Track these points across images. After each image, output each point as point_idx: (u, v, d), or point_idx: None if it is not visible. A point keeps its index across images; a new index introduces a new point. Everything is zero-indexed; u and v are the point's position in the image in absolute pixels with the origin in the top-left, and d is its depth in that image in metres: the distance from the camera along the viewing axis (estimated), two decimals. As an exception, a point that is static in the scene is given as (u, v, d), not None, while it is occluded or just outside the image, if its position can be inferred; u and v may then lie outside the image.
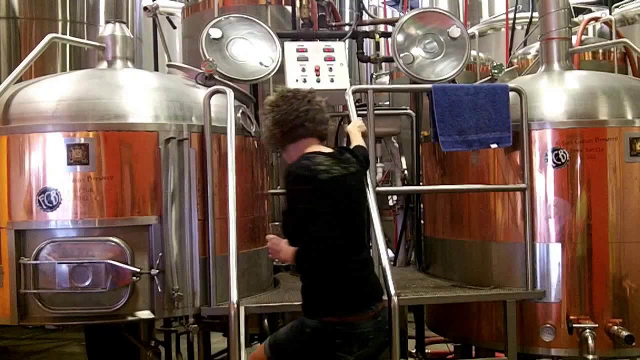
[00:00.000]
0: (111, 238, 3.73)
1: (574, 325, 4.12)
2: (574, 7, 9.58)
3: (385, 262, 3.65)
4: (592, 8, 11.00)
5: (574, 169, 4.23)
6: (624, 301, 4.22)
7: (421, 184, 5.28)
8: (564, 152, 4.22)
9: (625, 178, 4.24)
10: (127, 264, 3.70)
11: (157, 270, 3.73)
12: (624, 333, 4.05)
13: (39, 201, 3.76)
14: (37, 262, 3.71)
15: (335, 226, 2.82)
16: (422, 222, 5.27)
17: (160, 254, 3.77)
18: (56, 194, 3.74)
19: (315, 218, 2.80)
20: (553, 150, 4.23)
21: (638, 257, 4.25)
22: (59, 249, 3.72)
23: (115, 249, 3.71)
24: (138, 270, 3.70)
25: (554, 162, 4.23)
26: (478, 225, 4.48)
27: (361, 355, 2.88)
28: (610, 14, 8.25)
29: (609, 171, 4.23)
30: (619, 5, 8.76)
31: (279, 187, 5.74)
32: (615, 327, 4.11)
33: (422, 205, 5.27)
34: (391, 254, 5.62)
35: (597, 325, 4.10)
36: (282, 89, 3.16)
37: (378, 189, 4.21)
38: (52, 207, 3.75)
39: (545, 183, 4.26)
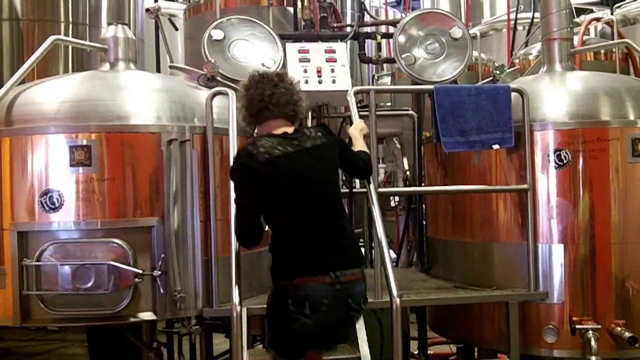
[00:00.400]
0: (113, 239, 3.73)
1: (577, 326, 4.11)
2: (575, 8, 9.57)
3: (388, 263, 3.65)
4: (594, 8, 10.99)
5: (576, 170, 4.23)
6: (626, 302, 4.21)
7: (423, 184, 5.28)
8: (566, 153, 4.22)
9: (628, 178, 4.24)
10: (129, 265, 3.70)
11: (160, 272, 3.74)
12: (627, 334, 4.05)
13: (41, 202, 3.76)
14: (40, 263, 3.72)
15: (260, 201, 3.07)
16: (424, 222, 5.27)
17: (162, 256, 3.77)
18: (59, 195, 3.75)
19: (244, 195, 3.10)
20: (555, 150, 4.23)
21: (641, 257, 4.25)
22: (61, 251, 3.73)
23: (118, 251, 3.72)
24: (140, 271, 3.70)
25: (556, 163, 4.23)
26: (480, 226, 4.48)
27: (317, 319, 2.99)
28: (611, 14, 8.23)
29: (611, 172, 4.23)
30: (621, 6, 8.75)
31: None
32: (619, 329, 4.11)
33: (424, 206, 5.27)
34: (393, 254, 5.63)
35: (599, 326, 4.10)
36: (253, 72, 3.30)
37: (380, 190, 4.20)
38: (55, 209, 3.76)
39: (547, 184, 4.26)
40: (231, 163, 3.31)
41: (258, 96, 3.14)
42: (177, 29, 6.48)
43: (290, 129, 3.16)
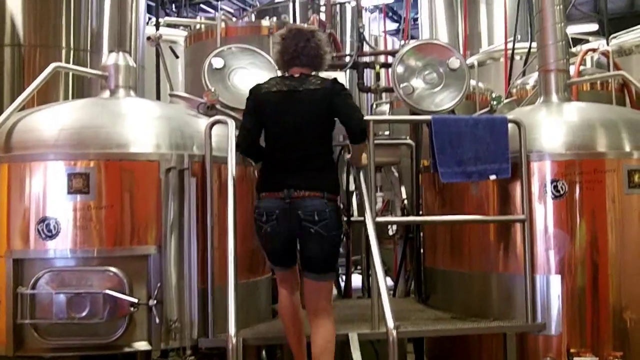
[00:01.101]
0: (109, 268, 3.72)
1: (575, 358, 4.10)
2: (571, 38, 9.67)
3: (384, 292, 3.64)
4: (590, 38, 11.09)
5: (573, 201, 4.24)
6: (624, 334, 4.20)
7: (421, 212, 5.28)
8: (563, 184, 4.23)
9: (625, 209, 4.25)
10: (125, 294, 3.69)
11: (155, 301, 3.71)
12: (625, 366, 4.03)
13: (38, 230, 3.75)
14: (35, 291, 3.70)
15: (256, 124, 3.80)
16: (422, 251, 5.27)
17: (158, 284, 3.76)
18: (55, 222, 3.74)
19: (245, 116, 3.86)
20: (552, 181, 4.25)
21: (638, 288, 4.24)
22: (56, 279, 3.71)
23: (114, 279, 3.71)
24: (136, 300, 3.68)
25: (553, 194, 4.25)
26: (478, 256, 4.48)
27: (273, 227, 3.67)
28: (607, 45, 8.31)
29: (608, 203, 4.24)
30: (617, 36, 8.83)
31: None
32: (616, 361, 4.09)
33: (422, 234, 5.27)
34: (391, 282, 5.61)
35: (597, 358, 4.09)
36: (291, 25, 4.16)
37: (378, 219, 4.20)
38: (51, 236, 3.75)
39: (544, 214, 4.27)
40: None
41: (292, 46, 3.77)
42: (177, 57, 6.53)
43: (297, 73, 3.79)
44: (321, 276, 3.69)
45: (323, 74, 4.01)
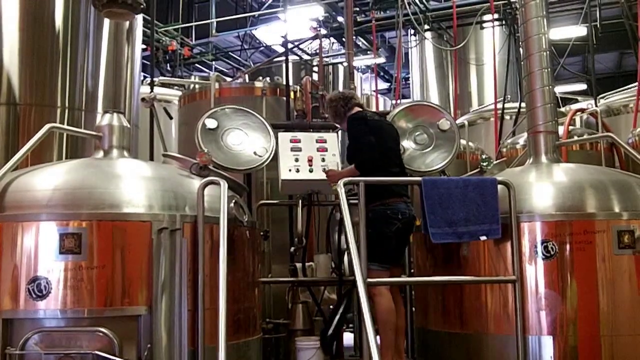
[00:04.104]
0: (100, 328, 3.69)
1: (568, 421, 4.05)
2: (560, 97, 9.87)
3: (375, 352, 3.61)
4: (579, 98, 11.30)
5: (563, 261, 4.26)
6: (618, 397, 4.17)
7: (412, 271, 5.28)
8: (553, 245, 4.26)
9: (615, 270, 4.27)
10: (115, 355, 3.64)
11: (145, 362, 3.68)
12: None
13: (28, 290, 3.73)
14: (24, 352, 3.66)
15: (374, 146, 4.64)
16: (413, 309, 5.25)
17: (149, 345, 3.72)
18: (46, 282, 3.73)
19: (366, 136, 4.66)
20: (542, 242, 4.27)
21: (631, 349, 4.23)
22: (46, 339, 3.68)
23: (104, 340, 3.67)
24: (126, 362, 3.65)
25: (543, 254, 4.27)
26: (469, 317, 4.47)
27: (404, 224, 4.61)
28: (596, 104, 8.46)
29: (598, 263, 4.26)
30: (605, 96, 9.01)
31: (270, 275, 5.75)
32: None
33: (413, 293, 5.26)
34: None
35: (591, 421, 4.04)
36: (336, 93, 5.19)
37: (369, 280, 4.20)
38: (42, 296, 3.73)
39: (535, 275, 4.28)
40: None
41: (345, 98, 4.91)
42: (171, 118, 6.60)
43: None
44: None
45: None
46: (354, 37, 11.31)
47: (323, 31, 11.77)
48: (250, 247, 4.41)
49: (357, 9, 12.46)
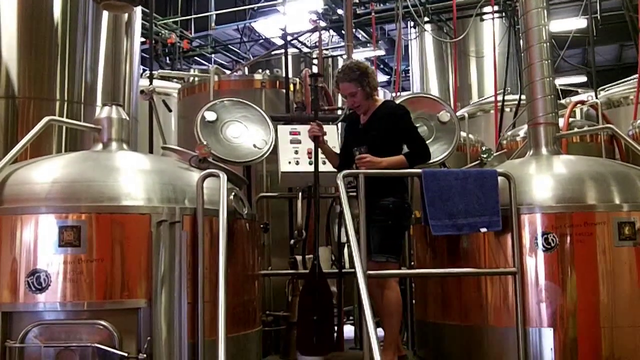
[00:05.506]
0: (99, 321, 3.68)
1: (568, 412, 4.05)
2: (560, 89, 9.85)
3: (375, 344, 3.60)
4: (579, 90, 11.28)
5: (564, 253, 4.25)
6: (618, 388, 4.16)
7: (412, 263, 5.28)
8: (554, 236, 4.25)
9: (615, 262, 4.26)
10: (114, 348, 3.64)
11: (145, 355, 3.67)
12: (619, 421, 3.99)
13: (28, 283, 3.73)
14: (24, 345, 3.65)
15: None
16: (413, 302, 5.24)
17: (148, 338, 3.72)
18: (46, 275, 3.72)
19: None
20: (543, 234, 4.27)
21: (631, 341, 4.22)
22: (46, 332, 3.67)
23: (103, 333, 3.67)
24: (126, 354, 3.64)
25: (543, 246, 4.26)
26: (470, 309, 4.46)
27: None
28: (596, 97, 8.44)
29: (598, 255, 4.25)
30: (605, 88, 8.99)
31: (270, 267, 5.75)
32: (610, 416, 4.05)
33: (413, 286, 5.25)
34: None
35: (591, 412, 4.04)
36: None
37: (369, 272, 4.19)
38: (41, 289, 3.72)
39: (535, 267, 4.27)
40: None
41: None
42: (170, 111, 6.58)
43: None
44: None
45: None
46: (354, 30, 11.29)
47: (322, 23, 11.76)
48: (250, 239, 4.40)
49: (357, 1, 12.43)
